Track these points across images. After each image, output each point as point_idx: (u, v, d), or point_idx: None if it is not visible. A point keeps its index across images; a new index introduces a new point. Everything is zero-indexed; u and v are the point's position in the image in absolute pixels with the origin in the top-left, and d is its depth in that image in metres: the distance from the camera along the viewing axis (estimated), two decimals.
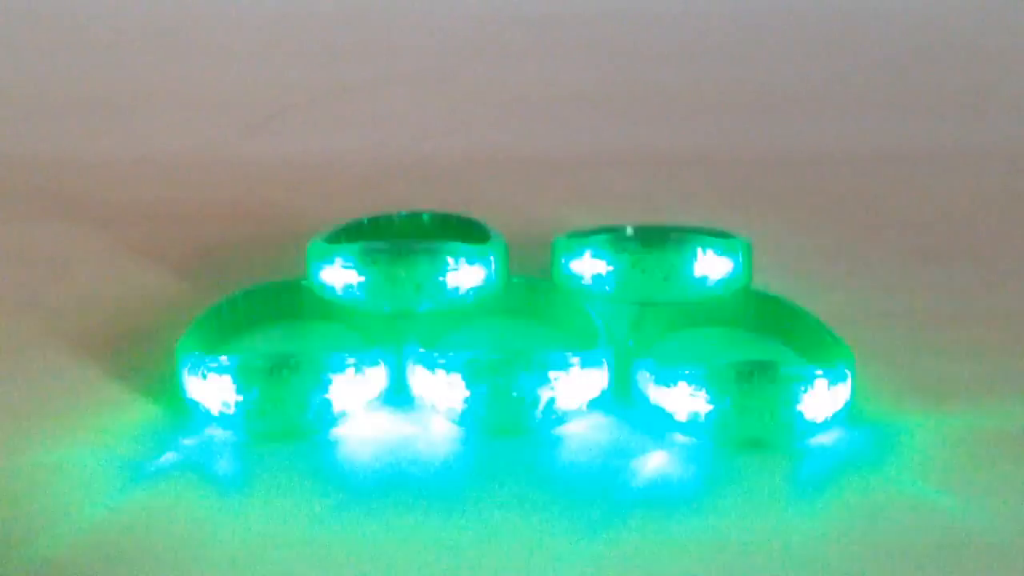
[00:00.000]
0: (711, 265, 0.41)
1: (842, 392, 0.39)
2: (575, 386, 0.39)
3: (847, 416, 0.39)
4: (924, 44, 0.77)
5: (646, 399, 0.39)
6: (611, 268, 0.41)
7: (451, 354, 0.39)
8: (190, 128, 0.65)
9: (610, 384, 0.41)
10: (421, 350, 0.40)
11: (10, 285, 0.49)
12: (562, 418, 0.39)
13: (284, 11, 0.79)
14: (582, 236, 0.46)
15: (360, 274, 0.40)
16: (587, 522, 0.35)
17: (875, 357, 0.43)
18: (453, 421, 0.39)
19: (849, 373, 0.39)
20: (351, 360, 0.39)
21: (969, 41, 0.77)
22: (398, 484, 0.37)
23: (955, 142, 0.65)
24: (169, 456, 0.38)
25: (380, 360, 0.40)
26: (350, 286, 0.40)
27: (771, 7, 0.80)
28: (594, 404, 0.40)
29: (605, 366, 0.40)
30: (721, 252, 0.41)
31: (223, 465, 0.38)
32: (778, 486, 0.37)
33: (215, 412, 0.39)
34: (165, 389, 0.41)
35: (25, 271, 0.50)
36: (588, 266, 0.42)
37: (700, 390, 0.37)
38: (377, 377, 0.40)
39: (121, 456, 0.38)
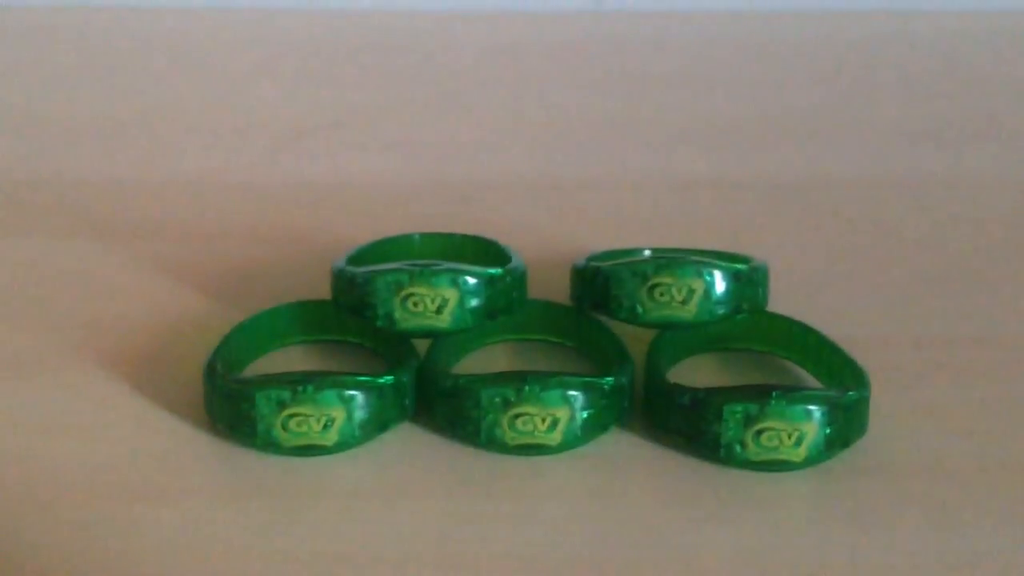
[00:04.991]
0: (728, 288, 0.41)
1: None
2: (599, 407, 0.39)
3: (862, 439, 0.40)
4: (941, 69, 0.77)
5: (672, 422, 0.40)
6: (629, 291, 0.41)
7: (471, 375, 0.40)
8: (217, 149, 0.66)
9: (632, 406, 0.41)
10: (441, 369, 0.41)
11: (37, 302, 0.49)
12: (584, 438, 0.40)
13: (310, 35, 0.80)
14: (600, 259, 0.46)
15: (381, 295, 0.41)
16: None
17: (892, 380, 0.43)
18: (475, 442, 0.40)
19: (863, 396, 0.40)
20: (373, 379, 0.39)
21: (987, 67, 0.78)
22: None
23: (972, 167, 0.65)
24: (195, 474, 0.39)
25: (402, 379, 0.40)
26: (371, 306, 0.41)
27: (791, 34, 0.81)
28: (616, 424, 0.41)
29: (628, 388, 0.41)
30: (738, 276, 0.42)
31: (256, 482, 0.39)
32: (792, 506, 0.38)
33: (241, 429, 0.39)
34: (192, 407, 0.42)
35: (53, 289, 0.51)
36: (606, 289, 0.42)
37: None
38: (398, 396, 0.40)
39: (147, 473, 0.39)
